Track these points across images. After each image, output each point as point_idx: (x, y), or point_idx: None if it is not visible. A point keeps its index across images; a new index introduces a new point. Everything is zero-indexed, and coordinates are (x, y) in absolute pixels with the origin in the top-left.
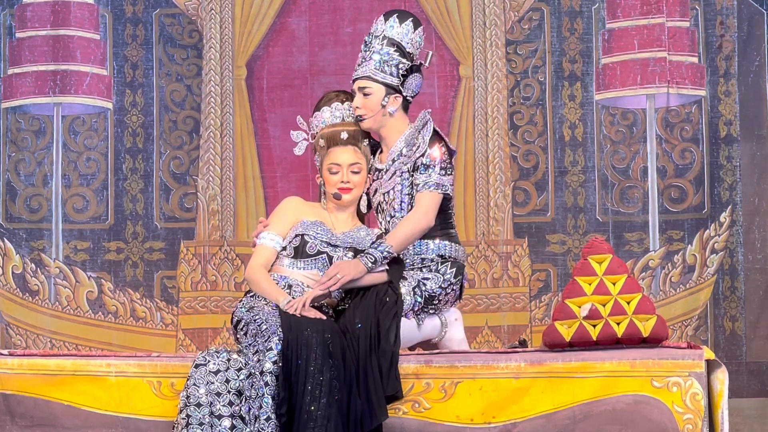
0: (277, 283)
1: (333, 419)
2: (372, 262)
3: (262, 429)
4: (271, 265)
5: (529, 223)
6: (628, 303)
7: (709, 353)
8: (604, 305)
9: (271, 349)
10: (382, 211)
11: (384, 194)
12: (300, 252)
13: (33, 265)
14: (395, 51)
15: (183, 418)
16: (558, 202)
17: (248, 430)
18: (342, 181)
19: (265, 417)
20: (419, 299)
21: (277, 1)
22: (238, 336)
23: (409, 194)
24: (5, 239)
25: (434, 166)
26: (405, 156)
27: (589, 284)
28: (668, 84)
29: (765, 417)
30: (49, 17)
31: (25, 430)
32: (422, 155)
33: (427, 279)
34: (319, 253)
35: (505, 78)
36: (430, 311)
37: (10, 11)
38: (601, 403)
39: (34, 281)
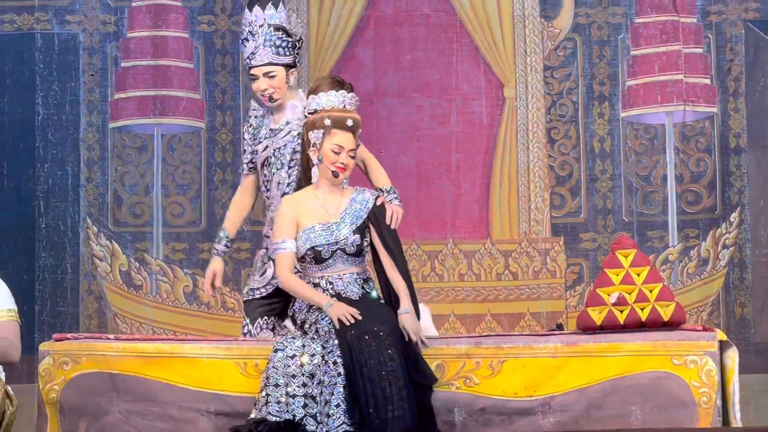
0: (317, 285)
1: (409, 400)
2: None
3: (332, 413)
4: (304, 270)
5: (565, 223)
6: (651, 291)
7: (721, 335)
8: (629, 293)
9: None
10: (269, 164)
11: (275, 149)
12: (319, 259)
13: (137, 263)
14: (283, 34)
15: (263, 397)
16: (589, 205)
17: (317, 408)
18: (341, 162)
19: (335, 403)
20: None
21: (347, 33)
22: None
23: (295, 150)
24: (113, 241)
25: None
26: (297, 118)
27: (617, 275)
28: (684, 102)
29: None
30: (150, 49)
31: (128, 404)
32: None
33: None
34: (333, 253)
35: (543, 98)
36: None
37: (116, 44)
38: (627, 378)
39: (138, 277)
